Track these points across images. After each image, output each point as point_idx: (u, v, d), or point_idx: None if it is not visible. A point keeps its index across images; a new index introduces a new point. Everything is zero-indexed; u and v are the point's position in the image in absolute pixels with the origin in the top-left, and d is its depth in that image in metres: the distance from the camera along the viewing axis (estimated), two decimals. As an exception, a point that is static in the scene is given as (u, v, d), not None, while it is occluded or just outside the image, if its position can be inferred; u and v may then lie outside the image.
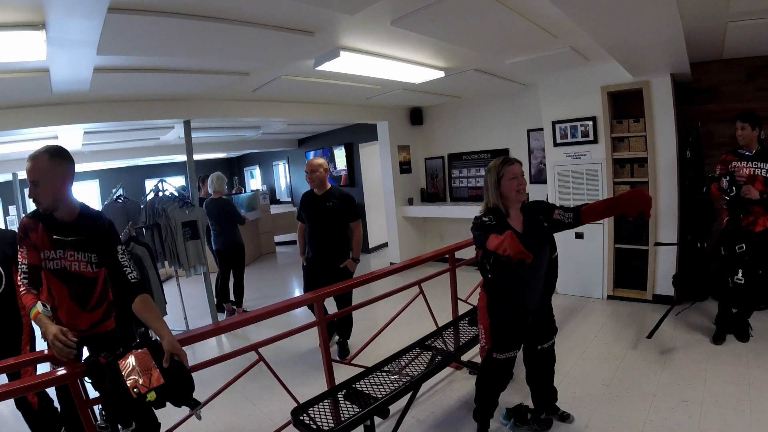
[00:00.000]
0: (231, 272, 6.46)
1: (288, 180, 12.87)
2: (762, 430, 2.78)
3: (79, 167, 9.50)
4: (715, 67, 5.16)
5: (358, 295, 3.63)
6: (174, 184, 5.91)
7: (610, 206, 2.78)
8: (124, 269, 2.47)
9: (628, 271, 5.54)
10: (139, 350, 2.16)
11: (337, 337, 4.76)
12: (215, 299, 6.16)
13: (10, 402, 2.95)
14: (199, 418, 2.28)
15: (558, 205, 2.82)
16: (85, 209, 2.57)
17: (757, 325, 4.28)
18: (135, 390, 2.04)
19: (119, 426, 2.15)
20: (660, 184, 5.14)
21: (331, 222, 4.52)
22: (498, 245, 2.24)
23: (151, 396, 2.07)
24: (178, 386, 2.18)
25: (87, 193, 12.16)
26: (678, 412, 3.12)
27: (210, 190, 6.37)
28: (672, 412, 3.13)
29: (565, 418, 3.15)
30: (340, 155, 10.31)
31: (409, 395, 3.05)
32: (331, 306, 4.23)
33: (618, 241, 5.49)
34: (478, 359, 3.79)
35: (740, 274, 4.03)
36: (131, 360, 2.10)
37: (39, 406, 3.12)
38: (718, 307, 4.30)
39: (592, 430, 3.07)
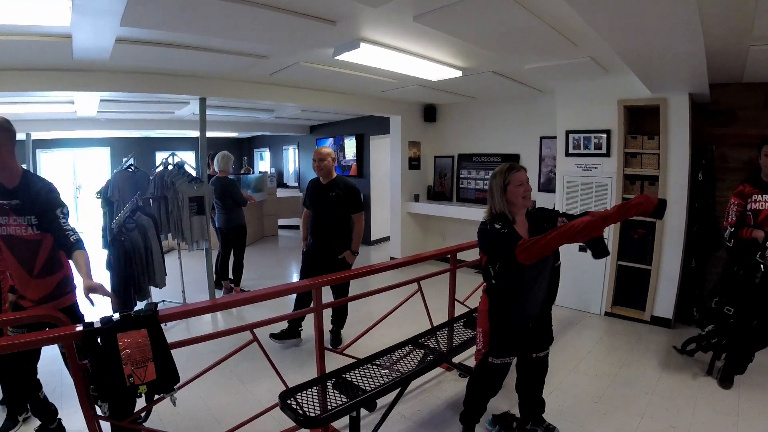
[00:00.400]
0: (231, 251, 6.49)
1: (296, 165, 12.88)
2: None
3: (92, 133, 9.65)
4: (734, 89, 5.08)
5: (356, 286, 3.64)
6: (184, 158, 5.91)
7: (616, 213, 2.51)
8: (65, 231, 2.56)
9: (629, 290, 5.50)
10: (141, 330, 2.18)
11: (331, 326, 4.77)
12: (214, 276, 6.20)
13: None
14: (173, 403, 2.33)
15: (562, 212, 2.82)
16: (26, 175, 2.60)
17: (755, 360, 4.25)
18: (130, 379, 2.11)
19: (98, 400, 2.19)
20: (669, 203, 5.02)
21: (333, 212, 4.52)
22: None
23: (143, 389, 2.15)
24: (165, 381, 2.27)
25: (97, 160, 12.26)
26: (664, 436, 3.10)
27: (216, 169, 6.40)
28: (658, 435, 3.12)
29: (551, 430, 3.14)
30: (350, 145, 10.31)
31: (397, 391, 3.06)
32: (326, 296, 4.24)
33: (621, 258, 5.45)
34: (470, 362, 3.82)
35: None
36: (131, 342, 2.13)
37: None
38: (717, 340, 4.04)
39: (576, 444, 3.07)
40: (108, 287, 4.51)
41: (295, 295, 4.59)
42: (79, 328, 2.17)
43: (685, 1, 2.47)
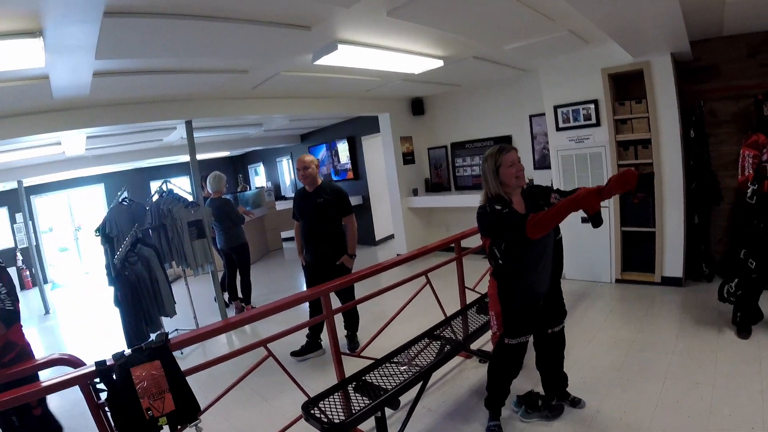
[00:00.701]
0: (237, 270, 6.49)
1: (292, 176, 12.87)
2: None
3: (83, 172, 9.60)
4: (715, 44, 5.10)
5: (366, 286, 3.62)
6: (179, 183, 5.91)
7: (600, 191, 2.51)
8: None
9: (636, 254, 5.51)
10: (154, 362, 2.18)
11: (345, 331, 4.75)
12: (222, 294, 6.21)
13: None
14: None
15: (555, 188, 2.81)
16: None
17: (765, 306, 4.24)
18: (149, 412, 2.12)
19: None
20: (664, 164, 5.09)
21: (322, 218, 4.46)
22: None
23: (163, 421, 2.15)
24: (186, 410, 2.27)
25: (92, 198, 12.22)
26: (689, 395, 3.12)
27: (209, 190, 6.38)
28: (684, 395, 3.13)
29: (576, 403, 3.15)
30: (343, 149, 10.32)
31: (419, 385, 3.06)
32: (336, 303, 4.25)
33: (624, 224, 5.46)
34: (488, 347, 3.81)
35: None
36: (145, 374, 2.13)
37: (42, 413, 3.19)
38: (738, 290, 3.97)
39: (603, 414, 3.07)
40: (119, 323, 4.56)
41: (308, 308, 4.57)
42: (93, 367, 2.17)
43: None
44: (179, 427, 2.32)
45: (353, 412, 2.65)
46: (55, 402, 4.04)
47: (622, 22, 3.71)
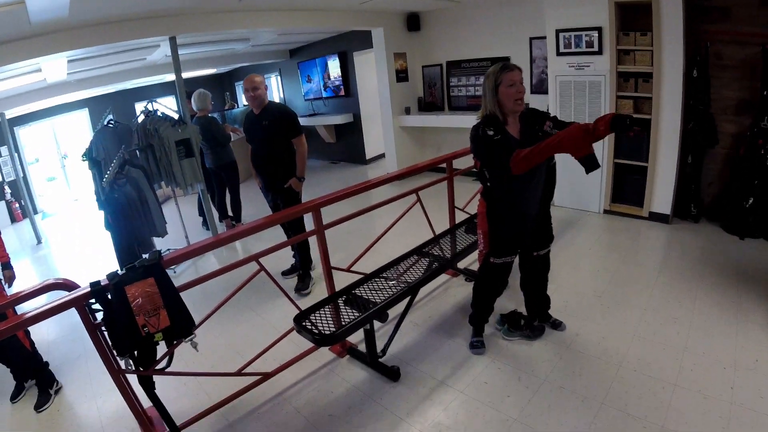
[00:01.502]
0: (226, 189, 6.47)
1: (281, 93, 12.57)
2: (745, 356, 2.84)
3: (66, 97, 9.28)
4: (729, -16, 4.88)
5: (357, 203, 3.59)
6: (165, 103, 5.74)
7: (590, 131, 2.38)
8: None
9: (626, 187, 5.54)
10: (148, 279, 2.20)
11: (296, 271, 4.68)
12: (204, 212, 6.27)
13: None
14: (195, 348, 2.37)
15: (552, 115, 2.76)
16: None
17: (750, 251, 4.39)
18: (145, 329, 2.15)
19: (117, 356, 2.25)
20: (664, 100, 5.00)
21: (268, 141, 4.25)
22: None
23: (159, 337, 2.20)
24: (181, 326, 2.30)
25: (77, 124, 11.90)
26: (666, 329, 3.22)
27: (194, 108, 6.18)
28: (661, 328, 3.23)
29: (557, 325, 3.27)
30: (334, 65, 10.03)
31: (407, 300, 3.15)
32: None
33: (618, 156, 5.45)
34: (475, 267, 3.90)
35: None
36: (139, 292, 2.16)
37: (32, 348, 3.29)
38: None
39: (582, 338, 3.19)
40: (111, 246, 4.61)
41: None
42: (88, 288, 2.17)
43: None
44: (175, 342, 2.37)
45: (343, 324, 2.74)
46: (52, 328, 4.16)
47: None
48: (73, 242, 7.57)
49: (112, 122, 5.47)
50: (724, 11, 4.92)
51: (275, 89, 12.82)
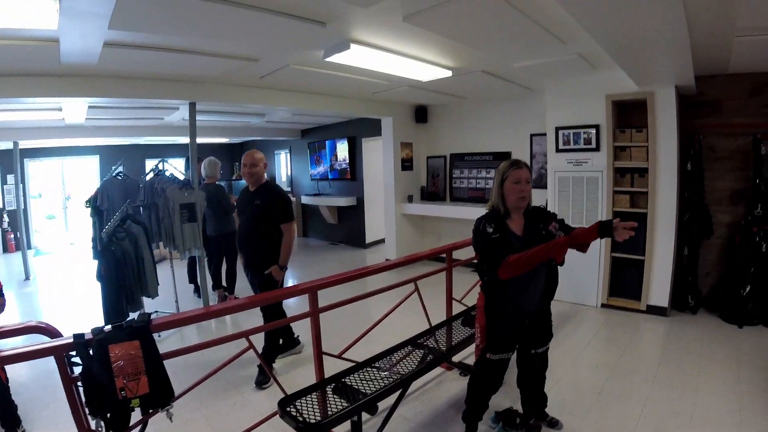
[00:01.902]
0: (224, 258, 6.46)
1: (289, 170, 12.83)
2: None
3: (80, 141, 9.56)
4: (719, 81, 5.19)
5: (353, 289, 3.59)
6: (175, 165, 5.86)
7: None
8: None
9: (624, 281, 5.54)
10: (133, 341, 2.15)
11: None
12: (197, 278, 6.19)
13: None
14: (170, 419, 2.30)
15: (558, 217, 2.81)
16: None
17: (749, 339, 4.38)
18: (123, 392, 2.08)
19: (89, 415, 2.16)
20: (659, 194, 5.13)
21: (257, 221, 4.08)
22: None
23: (135, 403, 2.13)
24: (159, 394, 2.23)
25: (86, 168, 12.13)
26: (668, 424, 3.13)
27: (204, 175, 6.30)
28: (662, 423, 3.14)
29: (554, 424, 3.15)
30: (342, 149, 10.30)
31: (398, 393, 3.05)
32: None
33: (615, 249, 5.49)
34: (470, 360, 3.82)
35: None
36: (122, 353, 2.10)
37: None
38: None
39: (580, 437, 3.07)
40: (99, 298, 4.51)
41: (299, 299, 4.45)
42: (70, 339, 2.12)
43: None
44: (151, 411, 2.29)
45: (329, 413, 2.63)
46: (25, 370, 4.03)
47: (632, 51, 3.74)
48: (61, 286, 7.48)
49: (122, 174, 5.55)
50: (715, 105, 5.24)
51: (284, 166, 13.10)
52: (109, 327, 2.17)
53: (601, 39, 3.45)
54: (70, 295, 6.87)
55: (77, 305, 6.38)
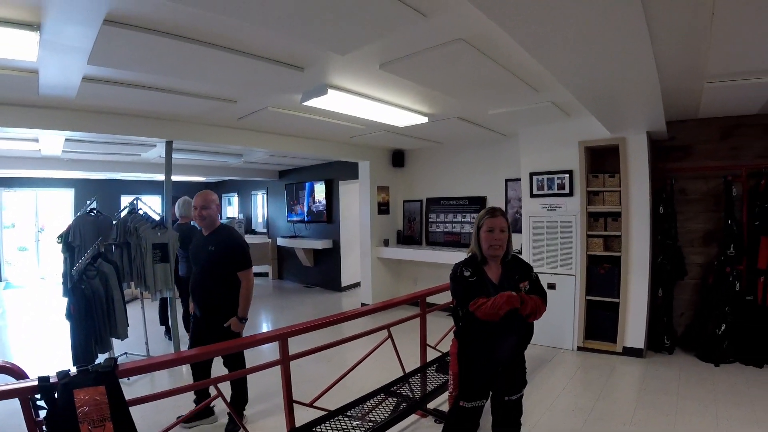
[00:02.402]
0: None
1: (265, 211, 12.79)
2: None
3: (56, 173, 9.41)
4: (690, 125, 5.39)
5: (328, 334, 3.53)
6: (149, 203, 5.77)
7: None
8: None
9: (599, 323, 5.56)
10: (99, 387, 2.09)
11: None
12: (168, 320, 6.06)
13: None
14: None
15: (534, 275, 2.81)
16: None
17: (726, 377, 4.44)
18: None
19: None
20: (633, 237, 5.23)
21: (210, 270, 3.72)
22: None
23: None
24: None
25: (60, 201, 11.99)
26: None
27: (177, 215, 6.19)
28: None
29: (529, 471, 3.10)
30: (320, 190, 10.33)
31: (371, 442, 2.98)
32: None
33: (589, 292, 5.53)
34: (445, 407, 3.74)
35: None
36: (88, 399, 2.04)
37: None
38: None
39: (556, 484, 3.03)
40: (68, 337, 4.38)
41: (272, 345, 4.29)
42: (35, 382, 2.06)
43: (640, 43, 2.60)
44: None
45: (301, 463, 2.56)
46: None
47: (604, 99, 3.88)
48: (30, 321, 7.25)
49: (95, 211, 5.45)
50: (686, 149, 5.43)
51: (260, 207, 13.05)
52: (74, 370, 2.11)
53: (573, 89, 3.58)
54: (39, 333, 6.66)
55: (46, 343, 6.18)
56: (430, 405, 3.87)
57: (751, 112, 4.97)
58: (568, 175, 5.61)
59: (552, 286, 5.69)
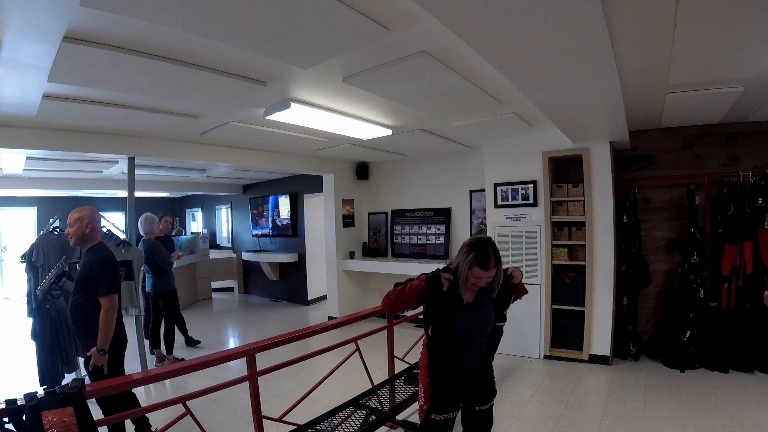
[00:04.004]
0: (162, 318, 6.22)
1: (230, 225, 12.63)
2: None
3: (18, 192, 9.19)
4: (653, 135, 5.54)
5: (295, 349, 3.49)
6: (112, 220, 5.65)
7: None
8: None
9: (565, 332, 5.64)
10: (66, 408, 2.04)
11: None
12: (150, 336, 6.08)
13: None
14: None
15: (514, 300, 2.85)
16: None
17: (692, 383, 4.54)
18: None
19: None
20: (597, 246, 5.33)
21: (76, 292, 3.41)
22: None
23: None
24: None
25: (23, 220, 11.69)
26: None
27: (141, 231, 6.10)
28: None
29: (500, 481, 3.11)
30: (284, 204, 10.26)
31: (341, 456, 2.95)
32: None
33: (555, 301, 5.61)
34: (414, 418, 3.74)
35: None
36: (56, 420, 2.00)
37: None
38: None
39: (526, 493, 3.04)
40: (34, 357, 4.24)
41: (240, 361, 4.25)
42: (2, 405, 2.01)
43: (604, 60, 2.67)
44: None
45: (270, 480, 2.52)
46: None
47: (567, 111, 3.96)
48: None
49: (58, 229, 5.29)
50: (649, 159, 5.56)
51: (225, 221, 12.89)
52: (42, 392, 2.08)
53: (538, 103, 3.65)
54: (4, 354, 6.41)
55: (12, 364, 5.95)
56: (399, 417, 3.86)
57: (713, 121, 5.12)
58: (532, 186, 5.70)
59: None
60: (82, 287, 3.35)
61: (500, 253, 2.65)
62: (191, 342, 6.84)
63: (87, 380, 2.44)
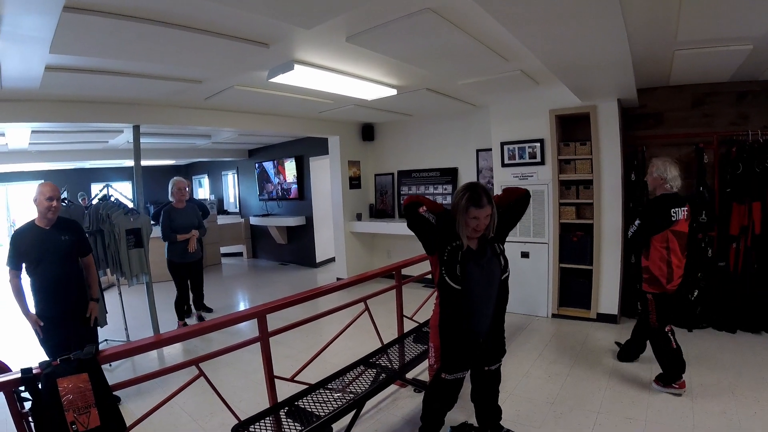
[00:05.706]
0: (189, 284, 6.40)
1: (237, 191, 12.67)
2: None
3: (24, 167, 9.26)
4: (661, 93, 5.42)
5: (304, 310, 3.54)
6: (119, 189, 5.67)
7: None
8: None
9: (573, 290, 5.68)
10: (81, 374, 2.09)
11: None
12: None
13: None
14: None
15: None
16: None
17: (698, 342, 4.59)
18: (73, 426, 2.04)
19: None
20: (604, 205, 5.31)
21: (70, 260, 3.73)
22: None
23: None
24: (111, 427, 2.18)
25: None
26: (623, 430, 3.19)
27: (171, 198, 6.15)
28: (616, 430, 3.20)
29: (509, 436, 3.18)
30: (290, 167, 10.26)
31: (352, 413, 3.02)
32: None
33: (563, 260, 5.63)
34: (423, 377, 3.81)
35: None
36: (72, 387, 2.05)
37: None
38: None
39: (534, 448, 3.10)
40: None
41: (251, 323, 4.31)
42: (18, 374, 2.06)
43: (610, 11, 2.59)
44: None
45: (284, 437, 2.58)
46: None
47: (574, 67, 3.87)
48: (6, 315, 7.08)
49: (66, 201, 5.33)
50: (657, 117, 5.45)
51: (231, 187, 12.93)
52: (56, 360, 2.12)
53: (545, 59, 3.58)
54: (16, 326, 6.52)
55: (24, 335, 6.05)
56: (409, 375, 3.93)
57: (722, 79, 5.00)
58: (539, 144, 5.65)
59: (526, 255, 5.79)
60: (73, 252, 3.78)
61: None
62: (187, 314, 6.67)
63: (100, 346, 2.50)
